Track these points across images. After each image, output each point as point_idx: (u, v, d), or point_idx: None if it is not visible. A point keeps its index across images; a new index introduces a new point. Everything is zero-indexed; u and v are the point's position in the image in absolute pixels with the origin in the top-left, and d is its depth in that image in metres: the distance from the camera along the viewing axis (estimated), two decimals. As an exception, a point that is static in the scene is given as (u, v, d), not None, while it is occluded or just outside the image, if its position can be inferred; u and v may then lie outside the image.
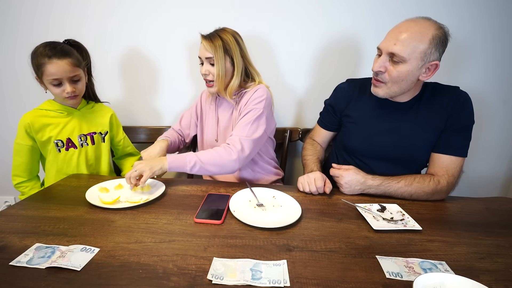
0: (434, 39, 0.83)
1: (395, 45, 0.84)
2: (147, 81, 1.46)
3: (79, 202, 0.85)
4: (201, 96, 1.26)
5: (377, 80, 0.92)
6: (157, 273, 0.57)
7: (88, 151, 1.12)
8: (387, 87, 0.91)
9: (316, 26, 1.32)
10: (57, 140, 1.05)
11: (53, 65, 0.94)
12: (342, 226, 0.76)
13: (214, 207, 0.82)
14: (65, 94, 0.99)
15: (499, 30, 1.27)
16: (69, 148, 1.08)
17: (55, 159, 1.07)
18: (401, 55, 0.84)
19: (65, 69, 0.96)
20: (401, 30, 0.85)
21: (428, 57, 0.85)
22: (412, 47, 0.83)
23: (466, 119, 0.93)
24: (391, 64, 0.87)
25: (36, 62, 0.95)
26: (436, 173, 0.94)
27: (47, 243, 0.65)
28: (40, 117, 1.03)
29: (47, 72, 0.94)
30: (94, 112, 1.15)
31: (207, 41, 1.02)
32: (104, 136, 1.16)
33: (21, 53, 1.37)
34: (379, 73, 0.90)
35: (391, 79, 0.88)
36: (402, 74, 0.86)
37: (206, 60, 1.04)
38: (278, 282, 0.55)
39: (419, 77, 0.89)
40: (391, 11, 1.27)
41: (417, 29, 0.83)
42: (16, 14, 1.36)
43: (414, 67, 0.85)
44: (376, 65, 0.89)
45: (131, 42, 1.39)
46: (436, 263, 0.62)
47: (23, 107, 1.10)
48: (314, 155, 1.12)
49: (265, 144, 1.19)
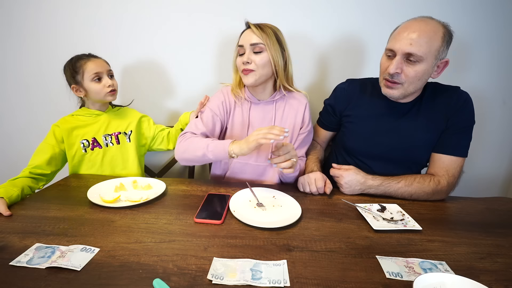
0: (445, 36, 0.85)
1: (411, 45, 0.84)
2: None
3: (79, 202, 0.85)
4: (225, 95, 1.10)
5: (392, 82, 0.91)
6: (157, 273, 0.57)
7: (113, 151, 1.15)
8: (404, 88, 0.90)
9: (317, 26, 1.32)
10: (83, 140, 1.09)
11: (92, 62, 1.05)
12: (342, 226, 0.76)
13: (214, 207, 0.82)
14: (107, 88, 1.07)
15: (500, 30, 1.27)
16: (94, 148, 1.11)
17: (81, 159, 1.10)
18: (418, 54, 0.84)
19: (103, 64, 1.08)
20: (414, 30, 0.85)
21: (441, 55, 0.86)
22: (428, 46, 0.84)
23: (466, 119, 0.93)
24: (407, 64, 0.87)
25: (73, 67, 1.05)
26: (436, 173, 0.94)
27: (47, 243, 0.65)
28: (70, 121, 1.10)
29: (88, 69, 1.04)
30: (120, 114, 1.20)
31: (256, 27, 0.97)
32: (129, 135, 1.19)
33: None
34: (395, 75, 0.89)
35: (408, 79, 0.88)
36: (419, 74, 0.87)
37: (250, 47, 0.97)
38: (278, 282, 0.55)
39: (431, 75, 0.90)
40: (392, 11, 1.26)
41: (429, 28, 0.84)
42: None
43: (430, 65, 0.86)
44: (392, 67, 0.88)
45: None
46: (436, 263, 0.62)
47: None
48: (314, 155, 1.12)
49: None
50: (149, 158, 1.54)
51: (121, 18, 1.35)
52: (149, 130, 1.25)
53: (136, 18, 1.35)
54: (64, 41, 1.31)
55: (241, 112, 1.09)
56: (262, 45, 0.96)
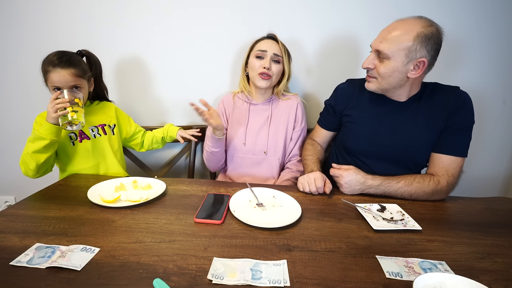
0: (419, 37, 0.84)
1: (381, 43, 0.88)
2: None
3: (79, 202, 0.85)
4: (222, 104, 1.28)
5: (368, 75, 0.97)
6: (157, 273, 0.57)
7: (102, 141, 1.15)
8: (378, 82, 0.94)
9: (317, 27, 1.32)
10: (70, 134, 1.08)
11: (56, 74, 0.98)
12: (342, 226, 0.76)
13: (214, 207, 0.82)
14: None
15: (500, 30, 1.27)
16: (83, 140, 1.11)
17: (69, 152, 1.10)
18: (385, 52, 0.87)
19: (66, 79, 0.99)
20: (390, 28, 0.89)
21: (413, 54, 0.86)
22: (396, 44, 0.86)
23: (466, 119, 0.93)
24: (379, 61, 0.91)
25: (43, 69, 1.00)
26: (436, 173, 0.95)
27: (47, 243, 0.65)
28: None
29: (50, 80, 0.99)
30: (100, 108, 1.19)
31: (280, 43, 1.16)
32: (113, 128, 1.20)
33: (29, 59, 1.39)
34: (368, 69, 0.95)
35: (380, 75, 0.92)
36: (388, 70, 0.89)
37: (272, 56, 1.14)
38: (278, 282, 0.55)
39: (407, 74, 0.90)
40: (392, 11, 1.26)
41: (403, 27, 0.86)
42: (22, 20, 1.37)
43: (399, 63, 0.88)
44: (365, 62, 0.94)
45: (134, 45, 1.39)
46: (436, 263, 0.62)
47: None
48: (314, 155, 1.12)
49: None
50: (149, 158, 1.54)
51: (121, 17, 1.35)
52: (129, 126, 1.27)
53: (136, 17, 1.35)
54: (64, 41, 1.31)
55: (240, 112, 1.24)
56: (281, 58, 1.16)
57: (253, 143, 1.20)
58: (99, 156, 1.15)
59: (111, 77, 1.40)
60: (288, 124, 1.21)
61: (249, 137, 1.21)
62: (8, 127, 1.53)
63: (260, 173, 1.21)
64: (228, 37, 1.36)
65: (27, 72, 1.43)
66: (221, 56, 1.39)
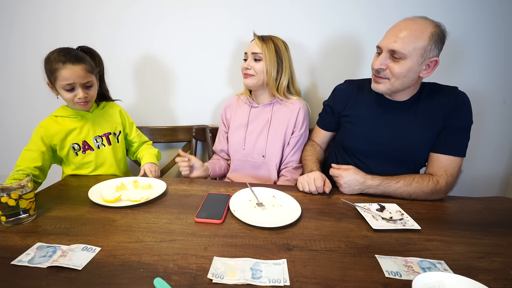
0: (433, 36, 0.85)
1: (395, 42, 0.86)
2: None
3: (80, 201, 0.85)
4: (224, 111, 1.29)
5: (379, 76, 0.93)
6: (158, 272, 0.57)
7: (106, 152, 1.13)
8: (390, 83, 0.92)
9: (316, 27, 1.33)
10: (73, 144, 1.06)
11: (67, 70, 0.94)
12: (342, 226, 0.76)
13: (215, 207, 0.83)
14: (77, 99, 0.99)
15: (500, 30, 1.27)
16: (86, 151, 1.08)
17: (72, 163, 1.08)
18: (402, 51, 0.86)
19: (79, 74, 0.96)
20: (401, 28, 0.87)
21: (428, 54, 0.86)
22: (413, 44, 0.85)
23: (464, 119, 0.94)
24: (392, 61, 0.89)
25: (50, 68, 0.96)
26: (435, 173, 0.95)
27: (48, 243, 0.65)
28: (56, 124, 1.04)
29: (61, 77, 0.95)
30: (105, 112, 1.15)
31: (259, 39, 1.13)
32: (118, 136, 1.17)
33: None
34: (380, 70, 0.92)
35: (394, 75, 0.90)
36: (404, 70, 0.88)
37: (252, 55, 1.13)
38: (278, 281, 0.55)
39: (420, 74, 0.90)
40: (391, 11, 1.27)
41: (416, 27, 0.85)
42: (24, 18, 1.37)
43: (415, 63, 0.87)
44: (376, 62, 0.91)
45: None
46: (435, 262, 0.62)
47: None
48: (314, 155, 1.13)
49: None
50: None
51: (122, 16, 1.35)
52: (130, 134, 1.24)
53: (138, 17, 1.36)
54: (65, 41, 1.31)
55: (241, 114, 1.24)
56: (261, 55, 1.11)
57: (252, 146, 1.19)
58: (101, 167, 1.12)
59: (111, 77, 1.39)
60: (287, 129, 1.17)
61: (249, 140, 1.20)
62: (9, 126, 1.53)
63: (259, 177, 1.20)
64: (231, 40, 1.37)
65: (28, 72, 1.43)
66: (221, 59, 1.39)
